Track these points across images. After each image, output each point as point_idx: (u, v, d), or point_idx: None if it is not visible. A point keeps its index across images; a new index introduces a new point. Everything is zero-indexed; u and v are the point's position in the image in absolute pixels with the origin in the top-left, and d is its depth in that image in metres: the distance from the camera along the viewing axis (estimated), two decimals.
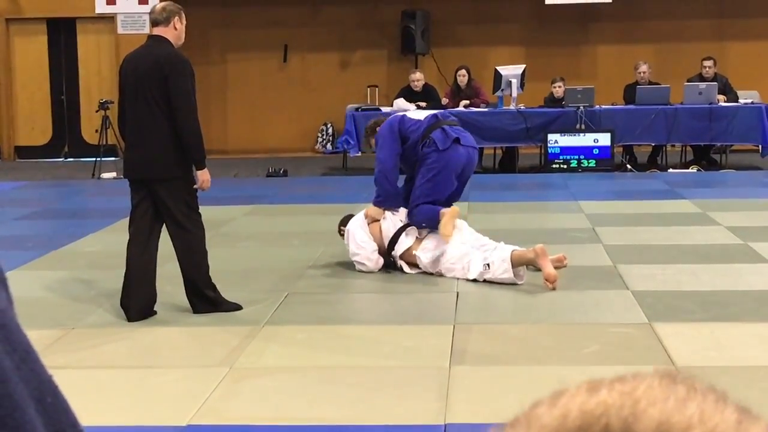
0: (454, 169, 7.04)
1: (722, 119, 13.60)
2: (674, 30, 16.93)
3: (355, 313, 6.08)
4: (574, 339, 5.34)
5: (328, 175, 14.38)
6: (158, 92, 5.78)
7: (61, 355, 5.29)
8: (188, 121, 5.79)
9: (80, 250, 8.36)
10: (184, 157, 5.88)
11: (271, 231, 9.12)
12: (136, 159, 5.94)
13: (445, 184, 7.01)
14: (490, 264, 6.66)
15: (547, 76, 14.74)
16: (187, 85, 5.81)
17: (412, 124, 7.10)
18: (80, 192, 12.68)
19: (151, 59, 5.84)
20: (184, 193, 5.92)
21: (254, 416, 4.28)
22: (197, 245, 5.99)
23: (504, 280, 6.58)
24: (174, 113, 5.77)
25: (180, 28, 5.97)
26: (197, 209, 6.02)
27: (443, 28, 17.10)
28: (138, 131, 5.92)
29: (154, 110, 5.81)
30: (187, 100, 5.78)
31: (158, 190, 5.88)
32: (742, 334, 5.38)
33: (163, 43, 5.89)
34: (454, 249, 6.80)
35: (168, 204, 5.89)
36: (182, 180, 5.91)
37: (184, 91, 5.78)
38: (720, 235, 8.36)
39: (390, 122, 7.17)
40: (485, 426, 4.08)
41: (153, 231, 5.99)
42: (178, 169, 5.88)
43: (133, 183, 6.01)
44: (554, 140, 13.56)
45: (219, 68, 17.71)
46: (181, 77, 5.78)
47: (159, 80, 5.77)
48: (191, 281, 6.02)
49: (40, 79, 17.45)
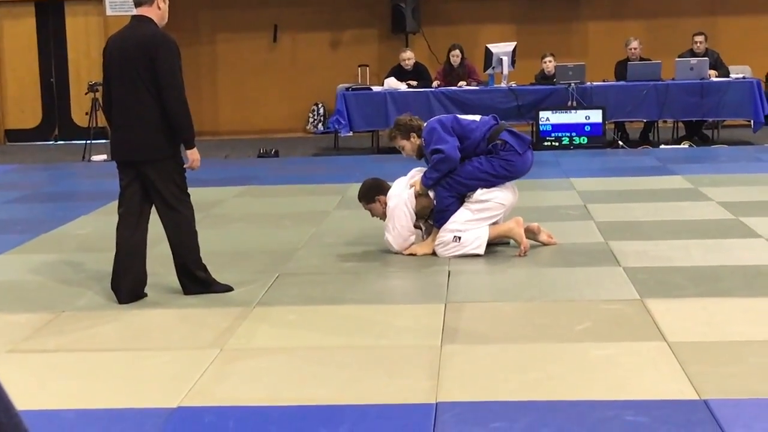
0: (521, 172, 7.04)
1: (714, 94, 13.59)
2: (665, 5, 16.89)
3: (346, 293, 6.06)
4: (566, 316, 5.33)
5: (320, 155, 14.35)
6: (145, 72, 5.73)
7: (52, 338, 5.27)
8: (176, 101, 5.73)
9: (70, 232, 8.33)
10: (172, 138, 5.83)
11: (263, 212, 9.09)
12: (124, 141, 5.89)
13: (499, 184, 6.95)
14: (460, 237, 6.81)
15: (537, 53, 14.71)
16: (174, 64, 5.75)
17: (469, 123, 7.01)
18: (70, 175, 12.63)
19: (136, 40, 5.79)
20: (174, 173, 5.88)
21: (245, 397, 4.27)
22: (187, 226, 5.97)
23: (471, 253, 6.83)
24: (161, 93, 5.72)
25: (163, 7, 5.91)
26: (186, 190, 5.98)
27: (433, 6, 17.04)
28: (125, 113, 5.87)
29: (140, 91, 5.76)
30: (174, 79, 5.73)
31: (147, 171, 5.85)
32: (734, 310, 5.37)
33: (147, 23, 5.84)
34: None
35: (157, 185, 5.86)
36: (171, 161, 5.87)
37: (171, 70, 5.72)
38: (712, 210, 8.36)
39: (441, 120, 7.02)
40: (477, 404, 4.08)
41: (142, 213, 5.96)
42: (167, 149, 5.83)
43: (121, 165, 5.96)
44: (546, 118, 13.54)
45: (209, 49, 17.64)
46: (167, 56, 5.72)
47: (145, 60, 5.72)
48: (182, 262, 6.00)
49: (29, 62, 17.38)
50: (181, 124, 5.78)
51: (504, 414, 3.95)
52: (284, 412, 4.09)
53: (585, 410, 3.98)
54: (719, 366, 4.47)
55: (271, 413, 4.08)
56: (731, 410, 3.92)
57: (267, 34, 17.52)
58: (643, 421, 3.84)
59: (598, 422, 3.86)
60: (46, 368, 4.82)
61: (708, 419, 3.84)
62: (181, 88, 5.76)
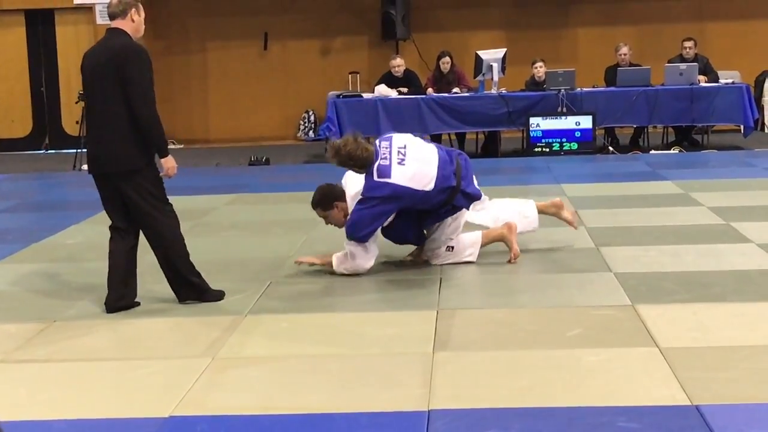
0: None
1: (703, 100, 13.62)
2: (654, 11, 16.94)
3: (338, 300, 6.06)
4: (557, 322, 5.33)
5: (311, 162, 14.34)
6: (116, 84, 5.67)
7: (43, 348, 5.26)
8: (145, 110, 5.67)
9: (61, 242, 8.31)
10: (144, 149, 5.77)
11: (254, 220, 9.09)
12: (98, 153, 5.84)
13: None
14: (453, 246, 6.77)
15: (527, 59, 14.72)
16: (144, 75, 5.69)
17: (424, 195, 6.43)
18: (61, 184, 12.61)
19: (107, 52, 5.75)
20: (149, 184, 5.81)
21: (237, 406, 4.26)
22: (171, 233, 5.92)
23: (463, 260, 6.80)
24: (131, 102, 5.66)
25: (138, 20, 5.85)
26: (164, 199, 5.92)
27: (423, 13, 17.07)
28: (97, 125, 5.83)
29: (111, 102, 5.71)
30: (143, 88, 5.67)
31: (121, 184, 5.80)
32: (725, 315, 5.38)
33: (119, 35, 5.79)
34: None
35: (133, 198, 5.80)
36: (146, 171, 5.81)
37: (140, 79, 5.66)
38: (702, 215, 8.37)
39: (396, 191, 6.34)
40: (469, 411, 4.08)
41: (130, 223, 5.94)
42: (139, 161, 5.76)
43: (97, 178, 5.93)
44: (536, 124, 13.56)
45: (199, 57, 17.63)
46: (137, 68, 5.67)
47: (115, 71, 5.67)
48: (174, 270, 5.97)
49: (19, 71, 17.35)
50: (152, 134, 5.73)
51: (496, 421, 3.95)
52: (276, 420, 4.08)
53: (577, 416, 3.98)
54: (711, 371, 4.47)
55: (263, 422, 4.08)
56: (723, 416, 3.92)
57: (257, 41, 17.52)
58: (635, 427, 3.84)
59: (590, 428, 3.86)
60: (37, 378, 4.80)
61: (700, 425, 3.85)
62: (151, 97, 5.71)
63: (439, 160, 6.44)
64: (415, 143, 6.55)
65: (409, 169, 6.31)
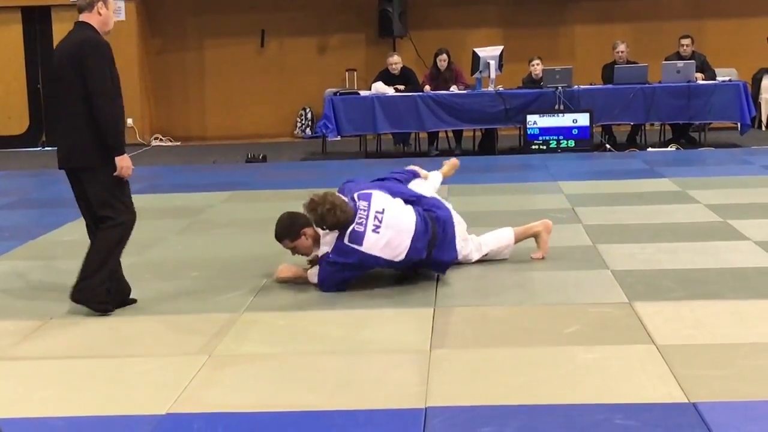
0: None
1: (700, 97, 13.62)
2: (651, 9, 16.94)
3: (335, 298, 6.05)
4: (554, 320, 5.33)
5: (308, 159, 14.33)
6: (76, 79, 5.60)
7: (40, 345, 5.25)
8: (103, 106, 5.57)
9: (58, 239, 8.30)
10: (101, 146, 5.65)
11: (251, 217, 9.07)
12: (61, 148, 5.79)
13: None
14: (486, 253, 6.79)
15: (524, 57, 14.73)
16: (103, 69, 5.59)
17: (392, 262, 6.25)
18: (57, 181, 12.52)
19: (69, 46, 5.68)
20: (107, 181, 5.67)
21: (234, 404, 4.26)
22: (108, 242, 5.76)
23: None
24: (89, 97, 5.57)
25: (105, 13, 5.75)
26: (122, 197, 5.76)
27: (420, 10, 17.06)
28: (59, 119, 5.76)
29: (72, 97, 5.63)
30: (101, 83, 5.57)
31: (82, 178, 5.73)
32: (722, 312, 5.38)
33: (84, 28, 5.71)
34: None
35: (89, 193, 5.73)
36: (103, 168, 5.66)
37: (99, 74, 5.57)
38: (699, 213, 8.37)
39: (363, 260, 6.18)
40: (466, 409, 4.07)
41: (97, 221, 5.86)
42: (97, 157, 5.66)
43: (66, 174, 5.85)
44: (533, 121, 13.56)
45: (196, 54, 17.62)
46: (96, 62, 5.57)
47: (75, 65, 5.59)
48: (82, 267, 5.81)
49: (15, 69, 17.33)
50: (107, 129, 5.60)
51: (493, 418, 3.95)
52: (273, 418, 4.08)
53: (574, 414, 3.98)
54: (708, 369, 4.47)
55: (261, 419, 4.07)
56: (720, 413, 3.92)
57: (254, 39, 17.51)
58: (632, 425, 3.84)
59: (588, 426, 3.86)
60: (33, 375, 4.79)
61: (697, 422, 3.85)
62: (109, 93, 5.61)
63: (415, 230, 6.17)
64: (393, 208, 6.25)
65: (383, 239, 6.10)
